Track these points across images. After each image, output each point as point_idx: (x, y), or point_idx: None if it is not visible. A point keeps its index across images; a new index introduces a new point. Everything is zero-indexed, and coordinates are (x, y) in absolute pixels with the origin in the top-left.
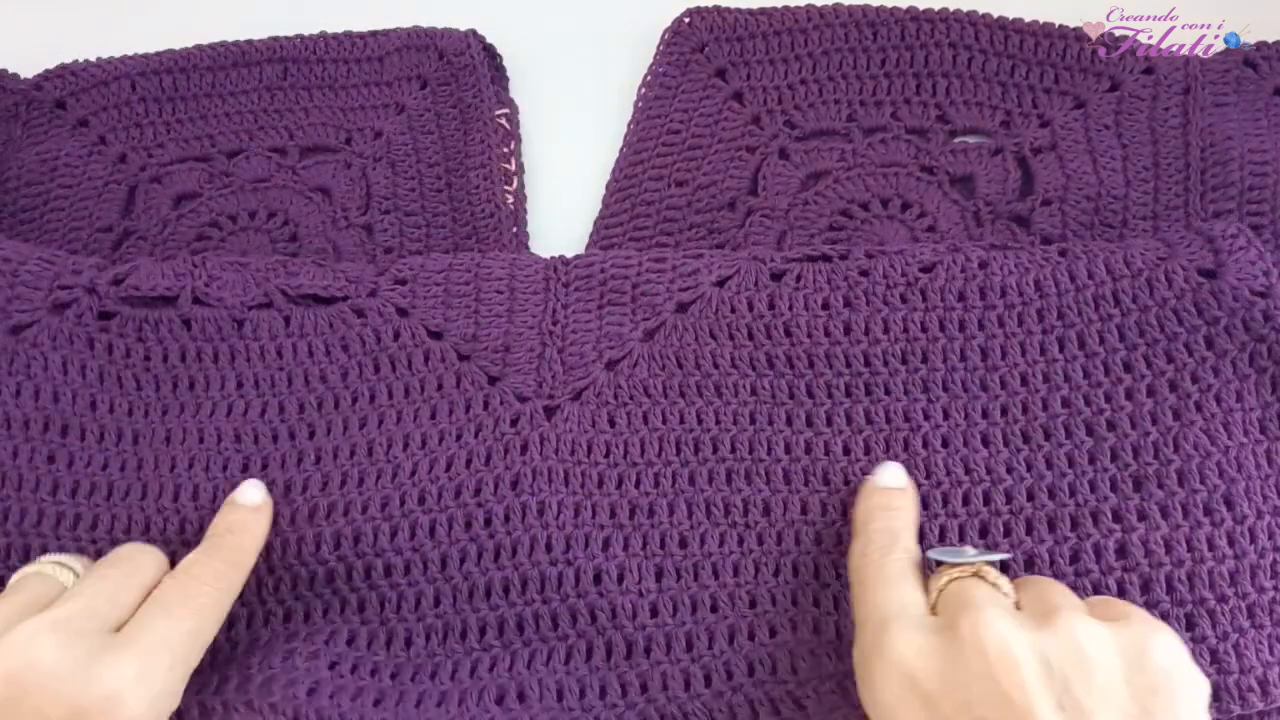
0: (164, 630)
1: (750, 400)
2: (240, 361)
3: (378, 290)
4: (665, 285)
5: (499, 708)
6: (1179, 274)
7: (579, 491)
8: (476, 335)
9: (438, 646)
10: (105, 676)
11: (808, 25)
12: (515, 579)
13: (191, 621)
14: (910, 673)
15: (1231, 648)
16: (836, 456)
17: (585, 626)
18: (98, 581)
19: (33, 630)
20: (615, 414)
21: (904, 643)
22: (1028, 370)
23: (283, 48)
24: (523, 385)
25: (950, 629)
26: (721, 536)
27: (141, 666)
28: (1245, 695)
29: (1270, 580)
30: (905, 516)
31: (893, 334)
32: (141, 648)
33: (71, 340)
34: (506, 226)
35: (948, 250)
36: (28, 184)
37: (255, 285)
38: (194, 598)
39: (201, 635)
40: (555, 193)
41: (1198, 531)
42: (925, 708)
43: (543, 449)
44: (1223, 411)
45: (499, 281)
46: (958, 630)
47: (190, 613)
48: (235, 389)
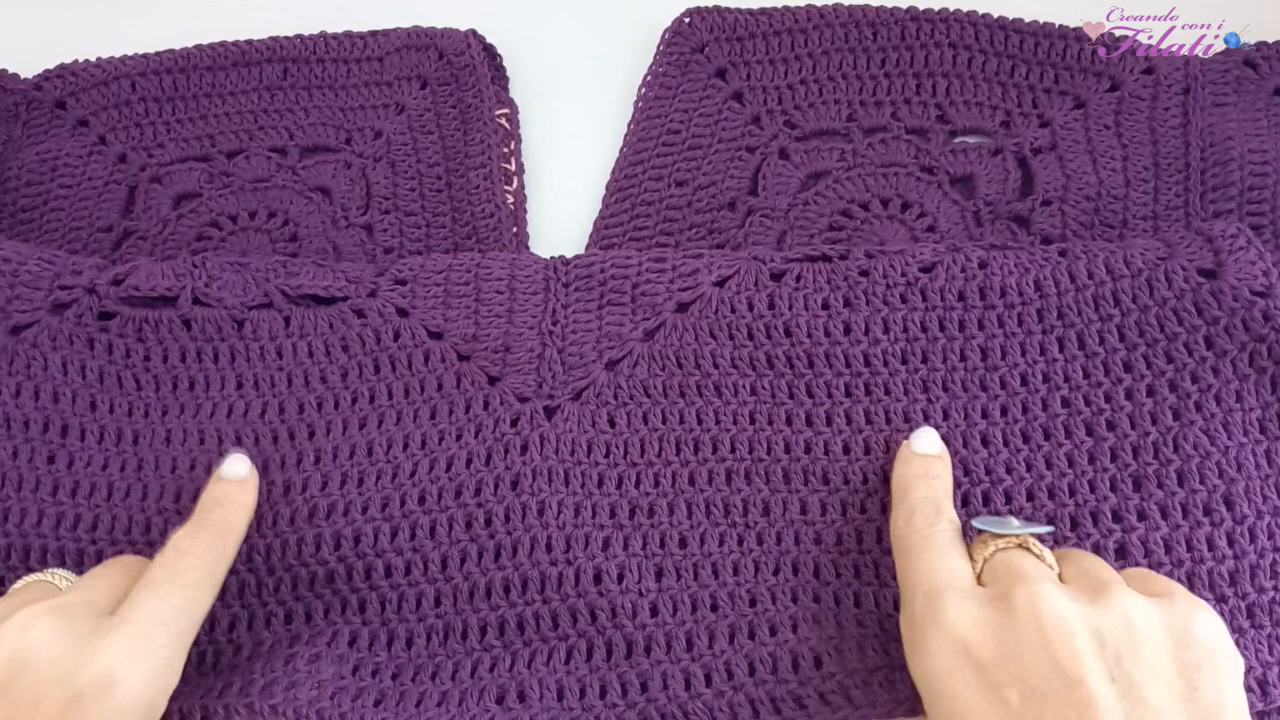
0: (155, 608)
1: (750, 400)
2: (240, 362)
3: (378, 290)
4: (665, 285)
5: (499, 707)
6: (1179, 274)
7: (579, 491)
8: (476, 335)
9: (438, 647)
10: (99, 656)
11: (808, 25)
12: (515, 579)
13: (182, 596)
14: (965, 642)
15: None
16: (836, 456)
17: (585, 626)
18: (94, 579)
19: (30, 615)
20: (615, 414)
21: (958, 612)
22: (1028, 370)
23: (283, 48)
24: (523, 385)
25: (1003, 599)
26: (721, 536)
27: (134, 644)
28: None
29: (1270, 580)
30: (944, 485)
31: (893, 334)
32: (133, 626)
33: (71, 340)
34: (506, 226)
35: (947, 250)
36: (28, 184)
37: (255, 285)
38: (182, 573)
39: (195, 609)
40: (555, 193)
41: (1197, 531)
42: (978, 676)
43: (543, 449)
44: (1223, 411)
45: (499, 281)
46: (1011, 601)
47: (179, 588)
48: (235, 389)
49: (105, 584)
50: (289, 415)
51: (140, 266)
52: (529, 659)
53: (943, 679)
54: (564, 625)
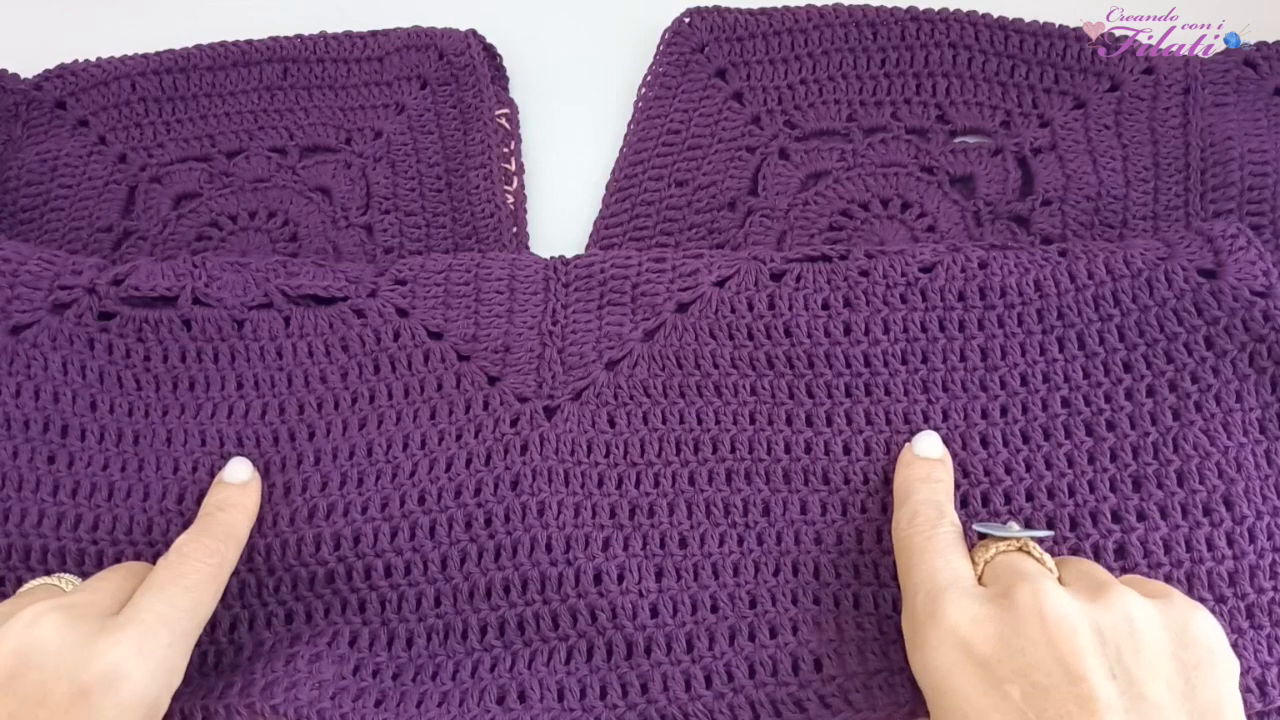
0: (159, 608)
1: (750, 400)
2: (240, 362)
3: (377, 290)
4: (665, 285)
5: (499, 708)
6: (1179, 274)
7: (579, 492)
8: (476, 335)
9: (438, 647)
10: (105, 653)
11: (808, 25)
12: (515, 579)
13: (185, 598)
14: (966, 639)
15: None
16: (836, 456)
17: (585, 626)
18: (99, 581)
19: (38, 612)
20: (615, 414)
21: (959, 609)
22: (1028, 370)
23: (283, 48)
24: (523, 385)
25: (1005, 597)
26: (721, 536)
27: (139, 642)
28: (1243, 697)
29: (1270, 581)
30: (946, 489)
31: (893, 334)
32: (138, 625)
33: (72, 340)
34: (506, 226)
35: (947, 250)
36: (28, 184)
37: (255, 286)
38: (185, 576)
39: (198, 610)
40: (555, 193)
41: (1196, 532)
42: (980, 672)
43: (543, 449)
44: (1222, 412)
45: (499, 282)
46: (1013, 599)
47: (183, 590)
48: (235, 389)
49: (110, 586)
50: (289, 416)
51: (140, 266)
52: (529, 659)
53: (944, 675)
54: (564, 625)
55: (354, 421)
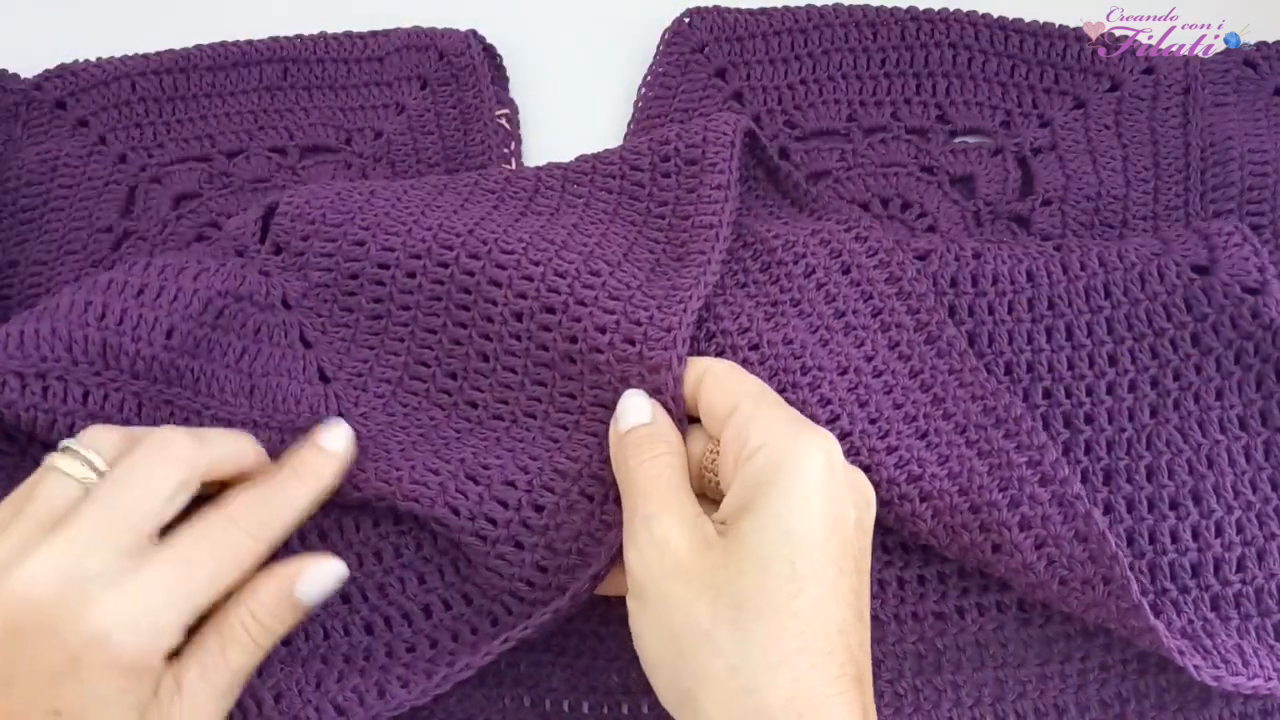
0: (171, 577)
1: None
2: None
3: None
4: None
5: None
6: (1171, 269)
7: None
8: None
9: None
10: (94, 618)
11: (808, 25)
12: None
13: (207, 572)
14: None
15: (1201, 629)
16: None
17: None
18: (114, 490)
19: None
20: None
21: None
22: (1013, 359)
23: (283, 48)
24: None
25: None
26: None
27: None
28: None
29: (1236, 574)
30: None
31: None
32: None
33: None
34: None
35: (943, 240)
36: (28, 184)
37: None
38: (222, 546)
39: (217, 582)
40: None
41: (1161, 525)
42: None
43: None
44: (1199, 409)
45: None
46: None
47: (213, 561)
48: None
49: (124, 500)
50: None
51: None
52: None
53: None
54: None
55: None
